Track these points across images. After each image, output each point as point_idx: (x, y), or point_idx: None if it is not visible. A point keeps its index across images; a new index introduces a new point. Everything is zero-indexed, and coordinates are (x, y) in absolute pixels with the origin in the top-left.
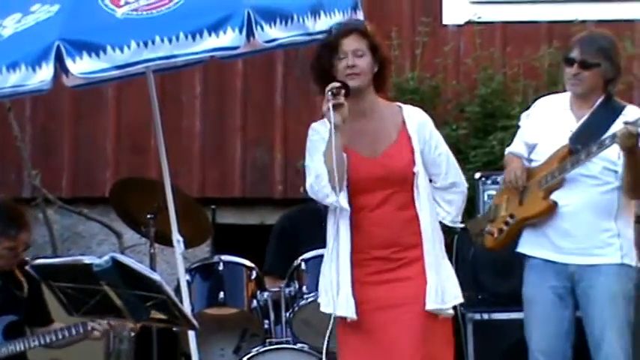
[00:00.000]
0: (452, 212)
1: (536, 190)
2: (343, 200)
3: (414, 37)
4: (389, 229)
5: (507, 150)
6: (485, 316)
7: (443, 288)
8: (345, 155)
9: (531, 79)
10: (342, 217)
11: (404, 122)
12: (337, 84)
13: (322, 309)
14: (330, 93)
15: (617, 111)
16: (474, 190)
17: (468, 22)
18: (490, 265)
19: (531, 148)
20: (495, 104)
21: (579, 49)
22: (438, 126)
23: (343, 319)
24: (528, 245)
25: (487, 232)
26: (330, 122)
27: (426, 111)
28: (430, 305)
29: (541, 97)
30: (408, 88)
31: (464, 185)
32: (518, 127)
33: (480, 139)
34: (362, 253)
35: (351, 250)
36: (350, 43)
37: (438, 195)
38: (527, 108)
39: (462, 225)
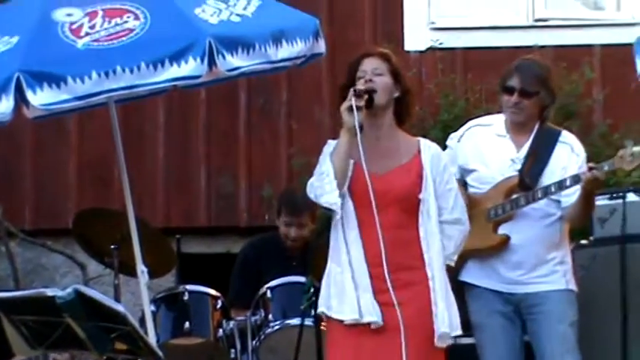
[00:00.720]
0: (450, 248)
1: (484, 222)
2: (338, 199)
3: None
4: (384, 247)
5: None
6: (450, 341)
7: (450, 315)
8: (351, 162)
9: (493, 105)
10: (350, 228)
11: (419, 151)
12: (362, 87)
13: (340, 317)
14: (353, 92)
15: (555, 136)
16: None
17: (430, 49)
18: (454, 291)
19: (467, 172)
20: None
21: (519, 78)
22: None
23: (339, 329)
24: (473, 275)
25: None
26: (346, 122)
27: None
28: (444, 328)
29: None
30: None
31: (467, 225)
32: (446, 146)
33: None
34: (363, 269)
35: (365, 258)
36: (370, 62)
37: (441, 228)
38: None
39: (453, 264)
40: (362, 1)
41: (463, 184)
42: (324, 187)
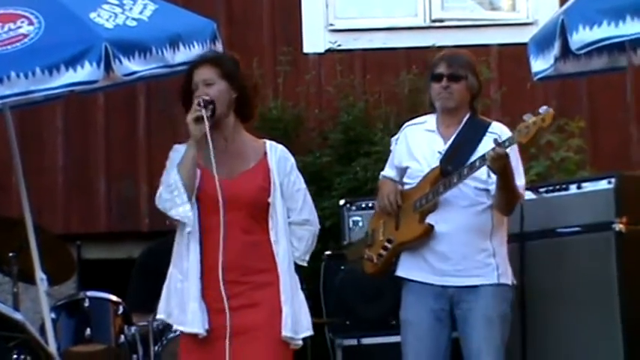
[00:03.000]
0: (300, 249)
1: (411, 214)
2: (190, 212)
3: (276, 66)
4: (234, 251)
5: (381, 174)
6: (354, 342)
7: (297, 318)
8: (198, 171)
9: (392, 105)
10: (192, 235)
11: (265, 154)
12: (207, 97)
13: (182, 328)
14: (197, 103)
15: (484, 128)
16: (339, 217)
17: (328, 51)
18: (359, 291)
19: (403, 171)
20: (358, 131)
21: (446, 64)
22: (301, 154)
23: (189, 338)
24: (406, 268)
25: (367, 259)
26: (193, 133)
27: (289, 139)
28: (287, 332)
29: (404, 122)
30: (271, 117)
31: (316, 225)
32: (390, 151)
33: (343, 165)
34: (211, 276)
35: (201, 269)
36: (200, 74)
37: (290, 230)
38: (390, 134)
39: (306, 264)
40: (260, 3)
41: (402, 185)
42: (174, 199)
